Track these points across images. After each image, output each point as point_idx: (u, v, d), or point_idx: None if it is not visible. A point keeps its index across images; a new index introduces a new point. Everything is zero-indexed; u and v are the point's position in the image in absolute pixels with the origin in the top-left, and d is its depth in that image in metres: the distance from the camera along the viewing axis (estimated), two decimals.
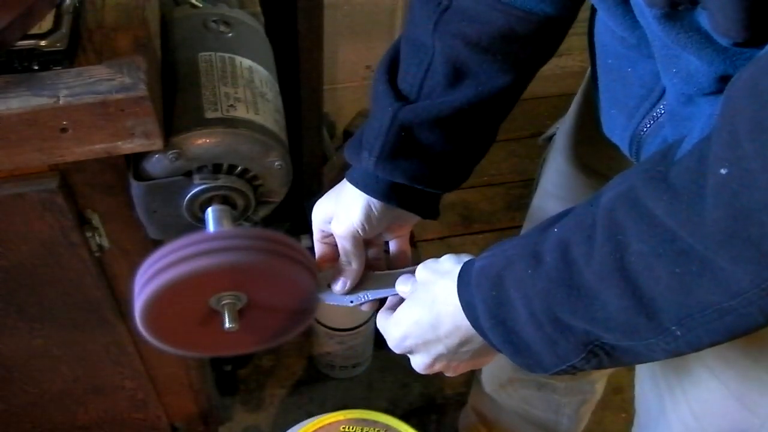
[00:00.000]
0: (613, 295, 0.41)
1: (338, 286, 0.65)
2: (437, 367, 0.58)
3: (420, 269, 0.58)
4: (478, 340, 0.52)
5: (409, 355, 0.59)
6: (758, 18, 0.35)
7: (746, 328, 0.39)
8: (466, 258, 0.55)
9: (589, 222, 0.43)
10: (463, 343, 0.54)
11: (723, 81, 0.43)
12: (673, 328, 0.41)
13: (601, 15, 0.55)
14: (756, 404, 0.61)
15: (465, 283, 0.52)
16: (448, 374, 0.60)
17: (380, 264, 0.69)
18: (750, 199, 0.34)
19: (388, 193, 0.63)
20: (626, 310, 0.41)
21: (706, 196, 0.36)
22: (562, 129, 0.84)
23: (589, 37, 0.61)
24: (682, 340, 0.41)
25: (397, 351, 0.59)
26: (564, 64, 1.80)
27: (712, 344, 0.42)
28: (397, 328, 0.58)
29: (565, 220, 0.46)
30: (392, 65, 0.62)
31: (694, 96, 0.46)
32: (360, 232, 0.63)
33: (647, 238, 0.39)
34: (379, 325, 0.62)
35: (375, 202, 0.63)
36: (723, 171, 0.35)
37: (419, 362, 0.58)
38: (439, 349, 0.55)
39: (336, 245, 0.66)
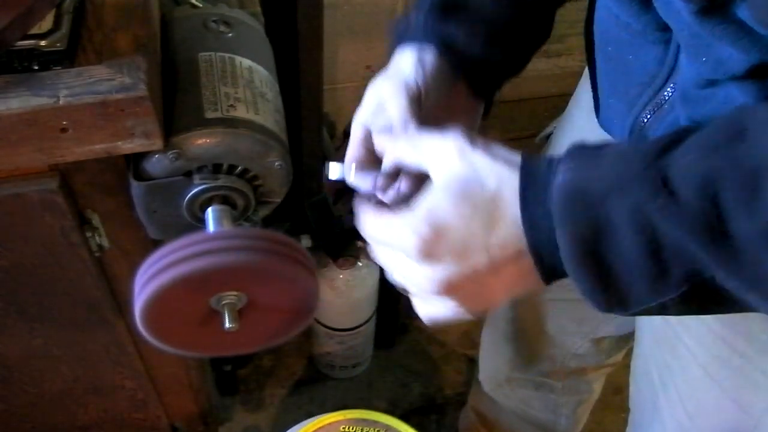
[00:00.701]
0: None
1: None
2: (453, 290, 0.45)
3: (462, 144, 0.44)
4: (528, 262, 0.43)
5: (424, 263, 0.44)
6: None
7: None
8: (519, 151, 0.44)
9: (748, 168, 0.37)
10: (511, 260, 0.43)
11: (757, 68, 0.43)
12: None
13: (604, 1, 0.55)
14: (750, 404, 0.61)
15: (534, 187, 0.42)
16: (448, 312, 0.47)
17: None
18: None
19: (441, 46, 0.55)
20: None
21: None
22: (559, 127, 0.85)
23: (587, 26, 0.61)
24: None
25: (416, 256, 0.44)
26: (564, 64, 1.80)
27: None
28: (427, 223, 0.43)
29: (698, 147, 0.39)
30: None
31: (719, 80, 0.46)
32: (413, 84, 0.53)
33: None
34: (371, 226, 0.47)
35: (427, 55, 0.54)
36: None
37: (439, 275, 0.44)
38: (481, 259, 0.43)
39: (374, 152, 0.54)
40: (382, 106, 0.53)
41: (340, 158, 0.56)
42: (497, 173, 0.43)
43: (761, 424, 0.62)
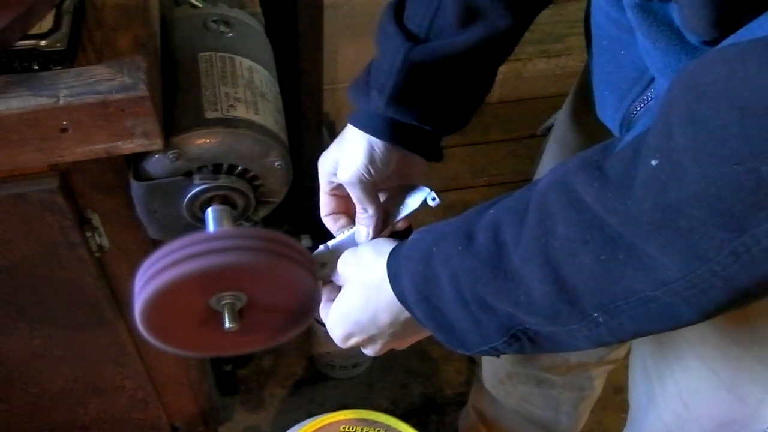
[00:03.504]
0: (535, 279, 0.41)
1: (363, 238, 0.64)
2: (386, 350, 0.60)
3: (341, 264, 0.59)
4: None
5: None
6: (726, 16, 0.35)
7: (671, 318, 0.39)
8: (386, 247, 0.55)
9: (523, 205, 0.43)
10: (407, 326, 0.55)
11: None
12: (596, 314, 0.41)
13: None
14: (746, 393, 0.62)
15: (395, 257, 0.52)
16: (400, 349, 0.62)
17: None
18: (679, 192, 0.34)
19: (393, 134, 0.62)
20: (548, 295, 0.41)
21: (637, 186, 0.36)
22: (560, 119, 0.85)
23: (586, 17, 0.62)
24: (604, 327, 0.41)
25: (344, 348, 0.60)
26: (564, 64, 1.80)
27: (636, 334, 0.42)
28: (338, 328, 0.59)
29: (502, 202, 0.46)
30: (398, 6, 0.62)
31: None
32: (366, 175, 0.62)
33: (575, 223, 0.39)
34: (323, 320, 0.62)
35: (378, 143, 0.62)
36: (654, 162, 0.35)
37: (369, 352, 0.60)
38: (385, 338, 0.57)
39: (344, 196, 0.65)
40: (336, 175, 0.64)
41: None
42: (365, 281, 0.55)
43: (758, 414, 0.62)
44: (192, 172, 0.69)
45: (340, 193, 0.66)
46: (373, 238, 0.63)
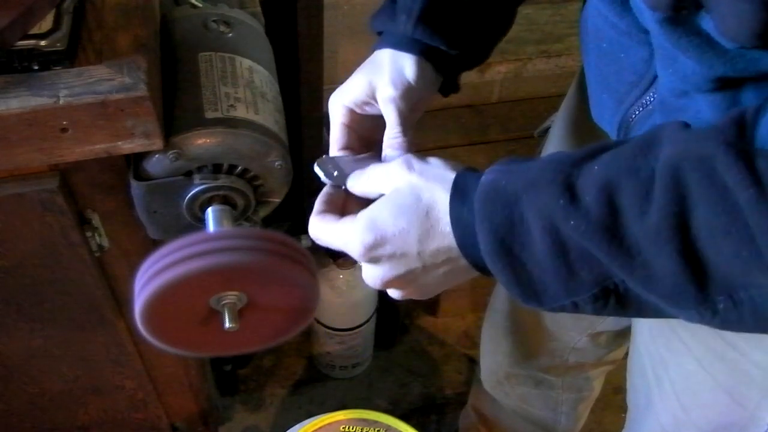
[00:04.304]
0: (664, 256, 0.39)
1: None
2: (394, 285, 0.53)
3: (403, 168, 0.51)
4: (461, 263, 0.48)
5: (367, 263, 0.52)
6: None
7: None
8: (459, 166, 0.50)
9: (645, 174, 0.40)
10: (443, 264, 0.49)
11: (720, 81, 0.43)
12: (720, 298, 0.39)
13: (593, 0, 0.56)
14: (744, 397, 0.62)
15: (462, 194, 0.47)
16: (396, 296, 0.54)
17: None
18: None
19: (428, 55, 0.60)
20: (675, 274, 0.39)
21: None
22: (556, 122, 0.85)
23: (582, 20, 0.62)
24: (717, 318, 0.39)
25: (360, 259, 0.51)
26: (564, 64, 1.80)
27: (749, 329, 0.40)
28: (370, 232, 0.49)
29: (608, 159, 0.42)
30: None
31: (689, 91, 0.46)
32: (415, 87, 0.59)
33: (720, 212, 0.37)
34: (317, 231, 0.55)
35: (423, 62, 0.60)
36: None
37: (381, 274, 0.51)
38: (415, 265, 0.50)
39: (358, 130, 0.61)
40: (373, 99, 0.60)
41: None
42: (430, 191, 0.48)
43: (756, 417, 0.62)
44: (192, 172, 0.69)
45: (355, 124, 0.62)
46: None
